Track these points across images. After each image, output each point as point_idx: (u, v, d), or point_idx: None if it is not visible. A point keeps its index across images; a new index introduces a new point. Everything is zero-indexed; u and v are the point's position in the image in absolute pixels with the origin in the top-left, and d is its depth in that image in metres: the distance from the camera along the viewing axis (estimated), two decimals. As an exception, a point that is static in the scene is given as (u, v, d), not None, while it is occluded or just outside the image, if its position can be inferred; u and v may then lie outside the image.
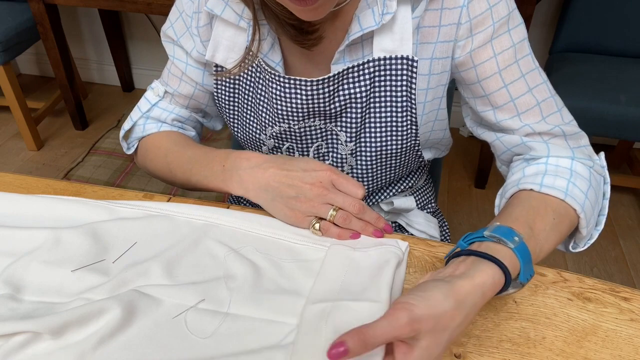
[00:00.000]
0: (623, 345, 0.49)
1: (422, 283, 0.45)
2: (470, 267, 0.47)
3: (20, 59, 2.66)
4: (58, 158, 2.14)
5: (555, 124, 0.62)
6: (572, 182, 0.58)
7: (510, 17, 0.60)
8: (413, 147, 0.69)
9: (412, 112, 0.65)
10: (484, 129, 0.69)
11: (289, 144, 0.71)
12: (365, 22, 0.59)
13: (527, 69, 0.62)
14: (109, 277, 0.53)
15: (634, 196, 1.97)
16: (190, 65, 0.72)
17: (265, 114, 0.69)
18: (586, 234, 0.60)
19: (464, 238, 0.52)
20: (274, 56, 0.65)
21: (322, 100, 0.64)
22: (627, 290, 0.55)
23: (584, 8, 1.73)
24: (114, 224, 0.59)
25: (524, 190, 0.59)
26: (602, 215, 0.63)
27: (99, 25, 2.39)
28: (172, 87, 0.75)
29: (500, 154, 0.68)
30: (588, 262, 1.71)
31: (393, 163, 0.70)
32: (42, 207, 0.62)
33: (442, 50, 0.61)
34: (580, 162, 0.61)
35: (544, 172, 0.60)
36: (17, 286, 0.51)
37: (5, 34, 1.85)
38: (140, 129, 0.77)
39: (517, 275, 0.49)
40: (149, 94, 0.77)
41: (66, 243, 0.56)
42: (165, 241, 0.58)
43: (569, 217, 0.57)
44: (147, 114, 0.77)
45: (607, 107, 1.52)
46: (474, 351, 0.48)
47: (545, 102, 0.62)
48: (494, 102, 0.63)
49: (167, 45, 0.74)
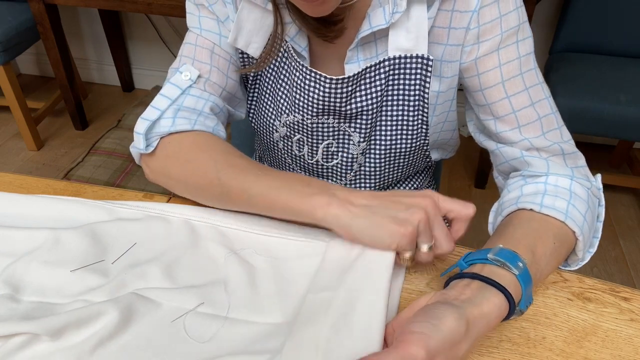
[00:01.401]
0: (623, 345, 0.49)
1: (429, 307, 0.43)
2: (476, 293, 0.45)
3: (20, 59, 2.66)
4: (58, 158, 2.14)
5: (554, 141, 0.62)
6: (572, 203, 0.57)
7: (520, 28, 0.59)
8: (422, 147, 0.69)
9: (424, 112, 0.64)
10: (485, 137, 0.68)
11: (300, 136, 0.70)
12: (375, 21, 0.59)
13: (531, 83, 0.61)
14: (109, 278, 0.53)
15: (634, 196, 1.97)
16: (224, 37, 0.65)
17: (284, 100, 0.68)
18: (580, 256, 0.60)
19: (465, 258, 0.50)
20: (300, 40, 0.64)
21: (338, 99, 0.64)
22: (627, 290, 0.55)
23: (584, 8, 1.73)
24: (114, 224, 0.59)
25: (524, 210, 0.58)
26: (595, 237, 0.63)
27: (99, 25, 2.39)
28: (205, 64, 0.65)
29: (499, 164, 0.68)
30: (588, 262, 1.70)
31: (401, 162, 0.70)
32: (41, 207, 0.62)
33: (450, 54, 0.61)
34: (578, 182, 0.60)
35: (544, 192, 0.58)
36: (17, 286, 0.51)
37: (6, 34, 1.86)
38: (167, 123, 0.61)
39: (518, 302, 0.47)
40: (177, 79, 0.64)
41: (65, 243, 0.56)
42: (164, 243, 0.58)
43: (568, 241, 0.56)
44: (178, 103, 0.63)
45: (607, 107, 1.52)
46: (474, 351, 0.48)
47: (547, 117, 0.62)
48: (495, 112, 0.63)
49: (192, 18, 0.66)
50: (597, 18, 1.73)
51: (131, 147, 0.65)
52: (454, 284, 0.47)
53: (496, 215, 0.63)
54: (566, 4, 1.78)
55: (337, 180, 0.74)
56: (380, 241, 0.49)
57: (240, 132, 1.01)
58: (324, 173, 0.74)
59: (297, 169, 0.76)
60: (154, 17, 2.36)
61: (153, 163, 0.64)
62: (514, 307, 0.46)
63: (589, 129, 1.59)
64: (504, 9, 0.58)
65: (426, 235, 0.49)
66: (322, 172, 0.74)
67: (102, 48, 2.52)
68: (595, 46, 1.78)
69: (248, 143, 1.01)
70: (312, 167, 0.73)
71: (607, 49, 1.77)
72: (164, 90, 0.64)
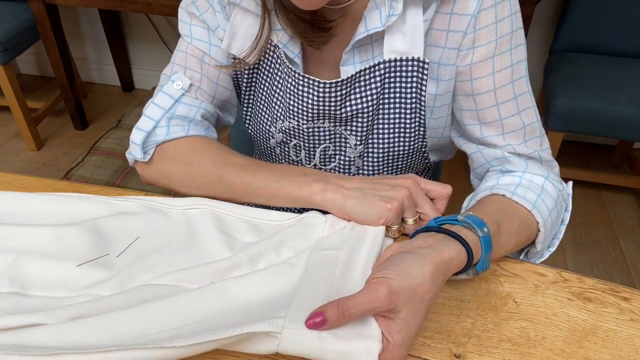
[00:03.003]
0: (623, 345, 0.49)
1: (393, 256, 0.48)
2: (438, 242, 0.49)
3: (20, 59, 2.66)
4: (58, 158, 2.14)
5: (534, 149, 0.64)
6: (542, 198, 0.61)
7: (513, 35, 0.59)
8: (420, 149, 0.69)
9: (421, 114, 0.65)
10: (465, 140, 0.69)
11: (297, 141, 0.71)
12: (371, 23, 0.59)
13: (520, 91, 0.62)
14: (114, 272, 0.53)
15: (634, 196, 1.97)
16: (214, 45, 0.67)
17: (279, 107, 0.68)
18: (540, 249, 0.62)
19: (436, 219, 0.54)
20: (293, 47, 0.64)
21: (333, 103, 0.64)
22: (627, 290, 0.55)
23: (584, 8, 1.73)
24: (116, 218, 0.59)
25: (497, 195, 0.61)
26: (556, 238, 0.65)
27: (99, 25, 2.39)
28: (196, 72, 0.68)
29: (477, 166, 0.69)
30: (588, 262, 1.71)
31: (400, 164, 0.70)
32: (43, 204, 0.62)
33: (448, 57, 0.61)
34: (551, 182, 0.63)
35: (518, 184, 0.62)
36: (23, 282, 0.51)
37: (6, 34, 1.86)
38: (162, 132, 0.65)
39: (476, 263, 0.51)
40: (169, 88, 0.67)
41: (69, 239, 0.56)
42: (167, 234, 0.58)
43: (530, 228, 0.60)
44: (171, 112, 0.66)
45: (607, 107, 1.52)
46: (474, 351, 0.48)
47: (530, 126, 0.63)
48: (482, 118, 0.63)
49: (183, 26, 0.68)
50: (597, 18, 1.73)
51: (127, 154, 0.68)
52: (419, 236, 0.52)
53: (469, 201, 0.67)
54: (566, 4, 1.78)
55: None
56: (372, 216, 0.55)
57: (240, 133, 1.01)
58: None
59: None
60: (154, 17, 2.36)
61: (151, 169, 0.68)
62: (471, 262, 0.50)
63: (589, 129, 1.59)
64: (500, 15, 0.58)
65: (411, 210, 0.57)
66: None
67: (102, 48, 2.52)
68: (595, 46, 1.78)
69: (247, 144, 1.01)
70: None
71: (607, 49, 1.77)
72: (157, 99, 0.67)
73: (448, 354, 0.48)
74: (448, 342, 0.49)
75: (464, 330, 0.50)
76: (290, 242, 0.56)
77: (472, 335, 0.50)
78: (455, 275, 0.51)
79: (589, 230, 1.83)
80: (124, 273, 0.53)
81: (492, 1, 0.57)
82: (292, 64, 0.64)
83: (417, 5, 0.58)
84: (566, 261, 1.70)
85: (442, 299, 0.54)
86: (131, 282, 0.52)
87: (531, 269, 0.57)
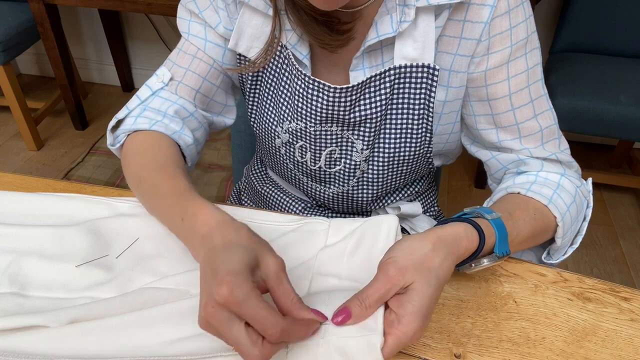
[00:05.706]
0: (623, 345, 0.49)
1: (398, 241, 0.50)
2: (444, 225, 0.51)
3: (20, 59, 2.66)
4: (58, 158, 2.14)
5: (552, 151, 0.64)
6: (558, 193, 0.61)
7: (528, 40, 0.59)
8: (425, 154, 0.68)
9: (429, 120, 0.64)
10: (478, 147, 0.69)
11: (303, 143, 0.70)
12: (382, 29, 0.58)
13: (537, 95, 0.62)
14: (114, 273, 0.53)
15: (634, 196, 1.97)
16: (210, 42, 0.67)
17: (286, 107, 0.68)
18: (560, 245, 0.61)
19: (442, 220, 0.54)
20: (301, 48, 0.63)
21: (342, 108, 0.63)
22: (627, 290, 0.55)
23: (584, 8, 1.73)
24: (115, 220, 0.59)
25: (511, 194, 0.62)
26: (579, 234, 0.65)
27: (99, 25, 2.39)
28: (182, 68, 0.67)
29: (494, 172, 0.69)
30: (588, 262, 1.71)
31: (404, 169, 0.70)
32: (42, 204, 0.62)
33: (460, 64, 0.60)
34: (568, 179, 0.63)
35: (533, 182, 0.62)
36: (23, 283, 0.52)
37: (6, 34, 1.86)
38: (130, 122, 0.65)
39: (492, 246, 0.52)
40: (152, 81, 0.68)
41: (68, 240, 0.56)
42: (167, 236, 0.58)
43: (548, 219, 0.59)
44: (145, 103, 0.67)
45: (607, 107, 1.52)
46: (474, 351, 0.48)
47: (548, 129, 0.63)
48: (498, 123, 0.63)
49: (182, 23, 0.68)
50: (597, 18, 1.73)
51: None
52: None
53: (487, 203, 0.67)
54: (566, 4, 1.78)
55: (339, 186, 0.74)
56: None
57: (240, 133, 1.01)
58: (327, 179, 0.74)
59: (299, 174, 0.75)
60: (154, 17, 2.36)
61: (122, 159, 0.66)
62: (483, 236, 0.51)
63: (589, 129, 1.59)
64: (515, 21, 0.57)
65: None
66: (325, 178, 0.73)
67: (102, 48, 2.52)
68: (595, 46, 1.78)
69: (247, 144, 1.01)
70: (315, 172, 0.73)
71: (607, 49, 1.77)
72: (140, 91, 0.68)
73: (448, 354, 0.48)
74: (448, 342, 0.49)
75: (464, 330, 0.50)
76: (291, 250, 0.56)
77: (472, 335, 0.50)
78: (477, 261, 0.52)
79: (589, 230, 1.81)
80: (123, 275, 0.53)
81: (505, 7, 0.56)
82: (300, 65, 0.63)
83: (429, 11, 0.57)
84: (566, 261, 1.70)
85: (442, 299, 0.54)
86: (130, 284, 0.52)
87: (531, 269, 0.57)
